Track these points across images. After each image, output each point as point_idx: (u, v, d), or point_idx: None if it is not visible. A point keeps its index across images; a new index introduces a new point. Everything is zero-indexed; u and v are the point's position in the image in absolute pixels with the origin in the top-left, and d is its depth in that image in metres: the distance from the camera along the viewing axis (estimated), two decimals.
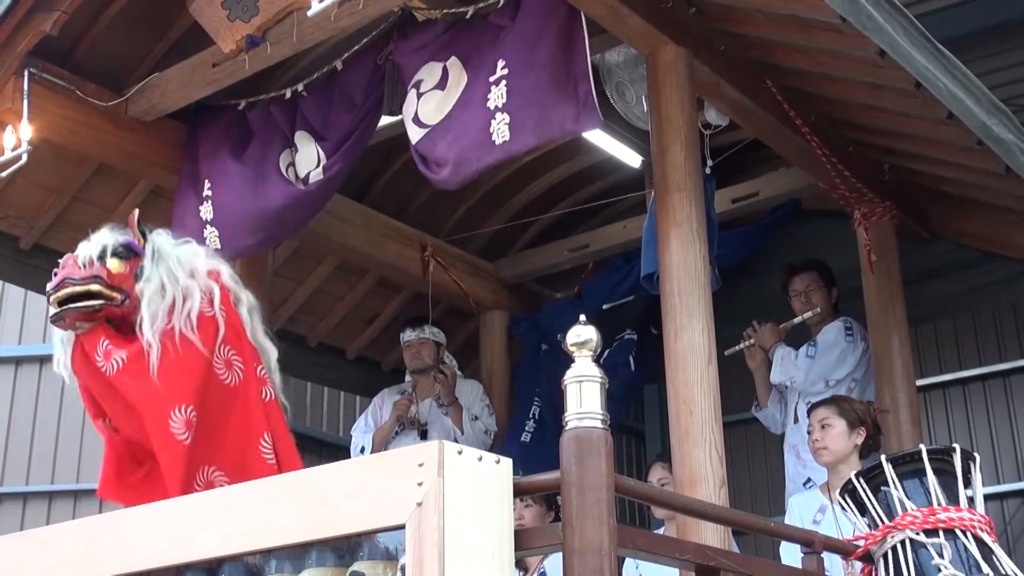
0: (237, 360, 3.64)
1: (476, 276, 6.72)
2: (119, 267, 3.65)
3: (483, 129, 4.34)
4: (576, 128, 4.32)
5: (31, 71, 4.77)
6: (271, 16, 4.66)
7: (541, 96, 4.25)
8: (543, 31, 4.32)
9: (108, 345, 3.55)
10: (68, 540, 3.02)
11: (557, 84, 4.23)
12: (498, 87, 4.34)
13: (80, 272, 3.59)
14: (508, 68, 4.34)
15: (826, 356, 5.53)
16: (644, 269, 4.74)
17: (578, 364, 2.69)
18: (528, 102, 4.26)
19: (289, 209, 5.04)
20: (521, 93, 4.29)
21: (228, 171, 5.14)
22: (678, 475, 4.08)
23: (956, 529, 3.45)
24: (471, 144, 4.38)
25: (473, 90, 4.47)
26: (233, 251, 5.19)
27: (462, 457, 2.44)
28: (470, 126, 4.40)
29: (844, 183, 5.25)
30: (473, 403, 6.28)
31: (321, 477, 2.67)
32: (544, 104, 4.24)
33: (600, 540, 2.57)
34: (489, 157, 4.36)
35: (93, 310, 3.57)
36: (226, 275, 3.76)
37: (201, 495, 3.10)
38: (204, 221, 5.14)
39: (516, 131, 4.27)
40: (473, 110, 4.41)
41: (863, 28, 3.78)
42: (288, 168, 5.12)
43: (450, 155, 4.46)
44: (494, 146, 4.32)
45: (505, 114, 4.29)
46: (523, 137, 4.27)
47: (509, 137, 4.28)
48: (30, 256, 5.79)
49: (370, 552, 2.68)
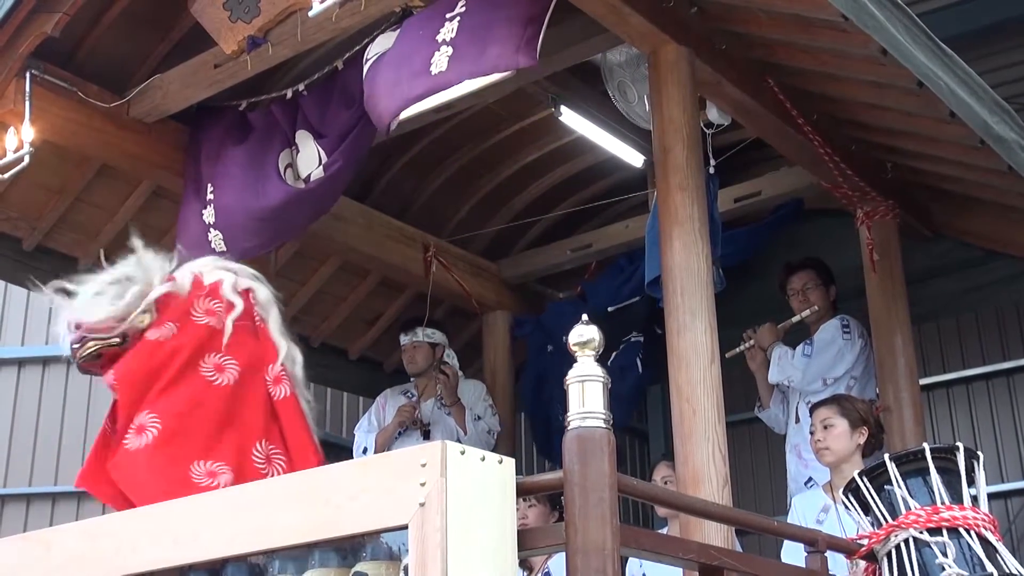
0: (231, 363, 3.61)
1: (478, 276, 6.72)
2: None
3: (424, 60, 4.22)
4: (510, 63, 4.11)
5: (33, 73, 4.78)
6: (272, 17, 4.66)
7: (488, 33, 4.14)
8: None
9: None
10: (72, 541, 3.03)
11: (508, 22, 4.12)
12: (451, 22, 4.25)
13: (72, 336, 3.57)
14: (466, 6, 4.25)
15: (823, 355, 5.52)
16: (649, 274, 4.73)
17: (581, 364, 2.69)
18: (475, 38, 4.16)
19: (290, 208, 5.03)
20: (471, 29, 4.18)
21: (229, 173, 5.14)
22: (681, 475, 4.08)
23: (960, 528, 3.44)
24: (409, 73, 4.26)
25: (427, 25, 4.36)
26: (238, 253, 5.18)
27: (465, 457, 2.44)
28: (413, 56, 4.28)
29: (846, 182, 5.24)
30: (476, 403, 6.28)
31: (324, 477, 2.67)
32: (488, 40, 4.13)
33: (603, 540, 2.57)
34: (421, 87, 4.22)
35: (94, 356, 3.56)
36: (227, 285, 3.71)
37: (204, 495, 3.10)
38: (208, 224, 5.14)
39: (453, 63, 4.16)
40: (421, 42, 4.30)
41: (864, 26, 3.78)
42: (287, 169, 5.11)
43: (385, 82, 4.35)
44: (429, 76, 4.19)
45: (449, 47, 4.19)
46: (458, 69, 4.15)
47: (446, 68, 4.16)
48: (33, 257, 5.80)
49: (373, 552, 2.68)
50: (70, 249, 5.92)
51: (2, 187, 5.30)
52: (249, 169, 5.11)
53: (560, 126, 6.03)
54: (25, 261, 5.78)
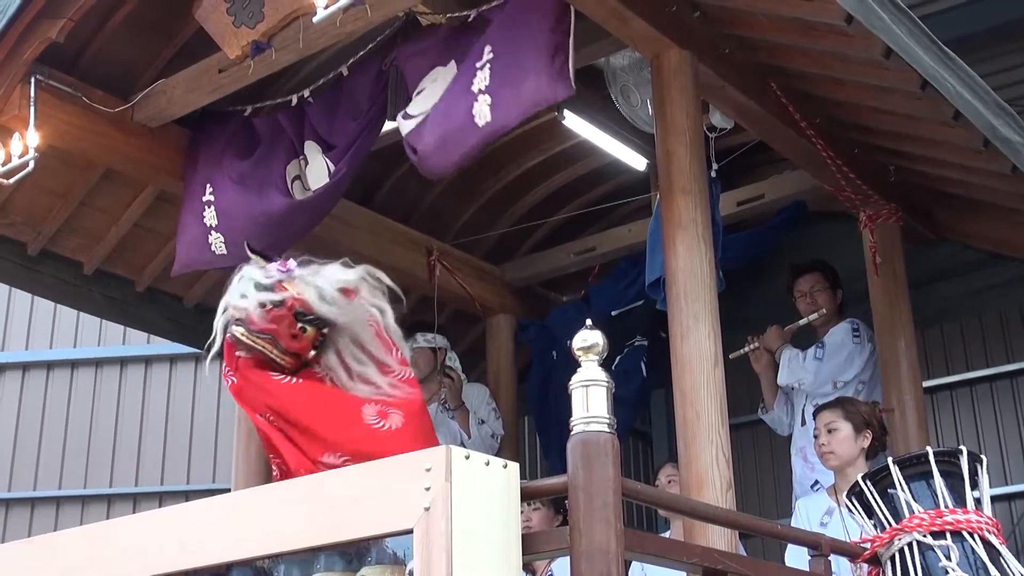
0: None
1: (482, 280, 6.72)
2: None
3: (467, 112, 4.30)
4: (548, 96, 4.20)
5: (37, 78, 4.78)
6: (276, 22, 4.67)
7: (520, 73, 4.20)
8: (530, 13, 4.27)
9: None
10: (78, 546, 3.04)
11: (535, 57, 4.18)
12: (483, 71, 4.31)
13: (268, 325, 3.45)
14: (493, 52, 4.31)
15: (834, 358, 5.51)
16: (649, 276, 4.73)
17: (585, 368, 2.70)
18: (508, 81, 4.22)
19: (293, 215, 5.04)
20: (503, 73, 4.25)
21: (232, 176, 5.14)
22: (685, 478, 4.08)
23: (963, 531, 3.45)
24: (455, 128, 4.34)
25: (460, 78, 4.44)
26: (239, 258, 5.19)
27: (469, 462, 2.45)
28: (454, 111, 4.37)
29: (849, 185, 5.24)
30: (480, 407, 6.28)
31: (329, 482, 2.68)
32: (521, 80, 4.19)
33: (607, 543, 2.58)
34: (472, 139, 4.31)
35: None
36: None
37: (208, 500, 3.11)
38: (208, 227, 5.15)
39: (496, 110, 4.23)
40: (458, 95, 4.38)
41: (871, 27, 3.77)
42: (294, 181, 5.12)
43: (434, 140, 4.43)
44: (477, 128, 4.28)
45: (487, 95, 4.25)
46: (503, 116, 4.23)
47: (490, 118, 4.24)
48: (37, 262, 5.81)
49: (378, 557, 2.69)
50: (74, 254, 5.93)
51: (7, 192, 5.31)
52: (254, 177, 5.11)
53: (563, 130, 6.04)
54: (29, 266, 5.79)
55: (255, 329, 3.37)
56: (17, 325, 8.97)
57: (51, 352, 8.88)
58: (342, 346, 3.38)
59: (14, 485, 8.58)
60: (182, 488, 8.33)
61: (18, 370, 8.83)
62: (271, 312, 3.35)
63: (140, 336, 8.32)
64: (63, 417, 8.70)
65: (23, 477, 8.59)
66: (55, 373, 8.83)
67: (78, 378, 8.82)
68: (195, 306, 6.44)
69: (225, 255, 5.15)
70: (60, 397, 8.77)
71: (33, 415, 8.72)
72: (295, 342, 3.36)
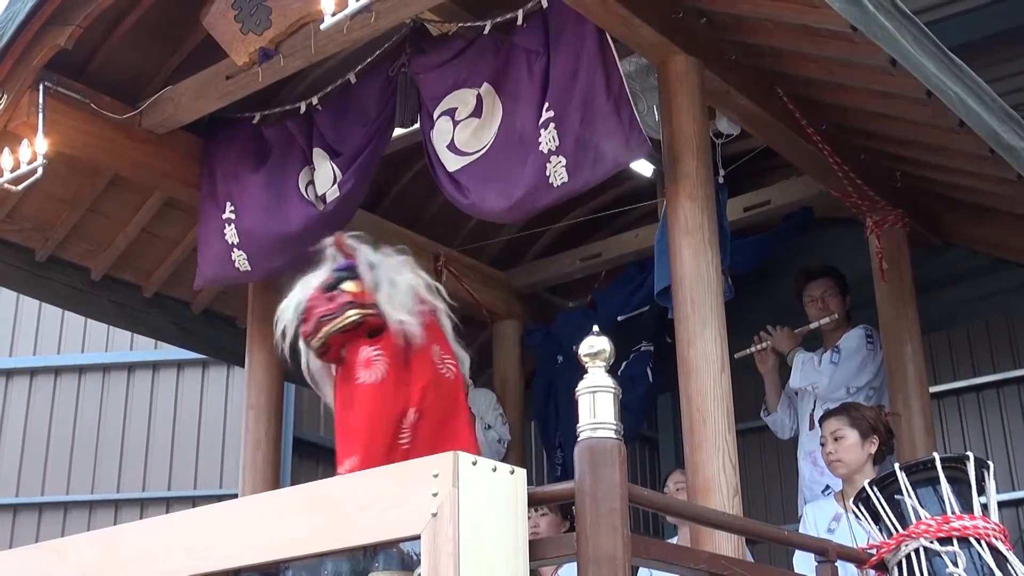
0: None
1: (488, 286, 6.72)
2: (355, 288, 3.88)
3: (539, 173, 4.37)
4: (628, 158, 4.36)
5: (46, 85, 4.79)
6: (284, 29, 4.68)
7: (590, 132, 4.29)
8: (579, 63, 4.36)
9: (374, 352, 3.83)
10: (85, 551, 3.05)
11: (603, 116, 4.27)
12: (547, 130, 4.37)
13: (330, 306, 3.82)
14: (554, 111, 4.37)
15: (849, 363, 5.51)
16: (658, 284, 4.74)
17: (591, 374, 2.71)
18: (581, 142, 4.30)
19: (310, 231, 5.02)
20: (571, 134, 4.32)
21: (250, 193, 5.15)
22: (692, 484, 4.08)
23: (970, 537, 3.45)
24: (530, 187, 4.41)
25: (519, 128, 4.49)
26: (263, 273, 5.21)
27: (477, 467, 2.46)
28: (525, 169, 4.43)
29: (856, 191, 5.24)
30: (486, 412, 6.29)
31: (337, 487, 2.69)
32: (595, 140, 4.28)
33: (614, 549, 2.58)
34: (549, 198, 4.42)
35: (355, 324, 3.83)
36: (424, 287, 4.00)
37: (217, 505, 3.12)
38: (231, 245, 5.16)
39: (573, 172, 4.32)
40: (525, 151, 4.43)
41: (873, 37, 3.78)
42: (308, 187, 5.13)
43: (497, 191, 4.51)
44: (552, 188, 4.37)
45: (561, 157, 4.33)
46: (582, 176, 4.32)
47: (568, 179, 4.33)
48: (45, 268, 5.83)
49: (385, 562, 2.70)
50: (82, 260, 5.95)
51: (15, 198, 5.33)
52: (271, 190, 5.12)
53: None
54: (37, 272, 5.81)
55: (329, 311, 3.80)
56: (25, 331, 8.98)
57: (59, 358, 8.89)
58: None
59: (21, 490, 8.59)
60: (189, 494, 8.33)
61: (26, 375, 8.84)
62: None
63: (147, 342, 8.33)
64: (70, 422, 8.71)
65: (31, 482, 8.59)
66: (63, 378, 8.84)
67: (85, 383, 8.83)
68: (202, 312, 6.46)
69: (249, 271, 5.17)
70: (68, 402, 8.78)
71: (41, 420, 8.73)
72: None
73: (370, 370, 3.78)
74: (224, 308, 6.50)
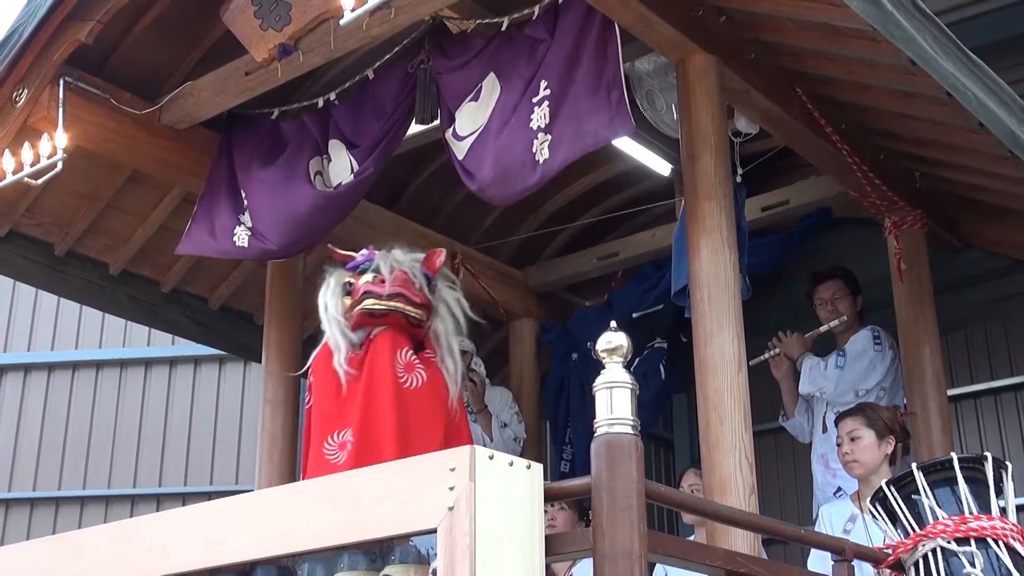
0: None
1: (505, 284, 6.72)
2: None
3: (526, 150, 4.38)
4: (609, 134, 4.32)
5: (66, 80, 4.82)
6: (303, 25, 4.69)
7: (577, 110, 4.28)
8: (581, 46, 4.35)
9: (412, 357, 4.18)
10: (102, 543, 3.06)
11: (592, 95, 4.26)
12: (541, 108, 4.37)
13: (417, 297, 4.23)
14: (550, 89, 4.37)
15: (855, 366, 5.49)
16: (676, 283, 4.73)
17: (609, 370, 2.71)
18: (568, 119, 4.30)
19: (318, 212, 5.06)
20: (562, 112, 4.32)
21: (261, 180, 5.16)
22: (708, 483, 4.07)
23: (988, 538, 3.44)
24: (517, 164, 4.42)
25: (513, 106, 4.49)
26: (267, 255, 5.22)
27: (493, 462, 2.46)
28: (514, 146, 4.43)
29: (874, 191, 5.22)
30: (503, 410, 6.29)
31: (353, 481, 2.69)
32: (579, 116, 4.26)
33: (630, 545, 2.58)
34: (532, 178, 4.41)
35: (414, 324, 4.25)
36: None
37: (233, 499, 3.12)
38: (238, 221, 5.16)
39: (555, 150, 4.31)
40: (516, 130, 4.44)
41: (891, 37, 3.77)
42: (316, 176, 5.14)
43: (493, 173, 4.52)
44: (537, 165, 4.36)
45: (547, 135, 4.33)
46: (561, 154, 4.31)
47: (548, 155, 4.32)
48: (63, 263, 5.85)
49: (401, 556, 2.70)
50: (100, 255, 5.97)
51: (35, 193, 5.35)
52: (281, 179, 5.13)
53: None
54: (56, 267, 5.84)
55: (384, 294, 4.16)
56: (43, 326, 9.03)
57: (77, 353, 8.94)
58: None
59: (39, 485, 8.64)
60: (205, 489, 8.36)
61: (44, 371, 8.89)
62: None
63: (165, 337, 8.37)
64: (88, 418, 8.75)
65: (48, 477, 8.64)
66: (80, 374, 8.89)
67: (103, 379, 8.88)
68: (220, 308, 6.47)
69: (245, 248, 5.16)
70: (85, 398, 8.82)
71: (58, 415, 8.77)
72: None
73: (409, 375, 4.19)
74: (241, 304, 6.52)
